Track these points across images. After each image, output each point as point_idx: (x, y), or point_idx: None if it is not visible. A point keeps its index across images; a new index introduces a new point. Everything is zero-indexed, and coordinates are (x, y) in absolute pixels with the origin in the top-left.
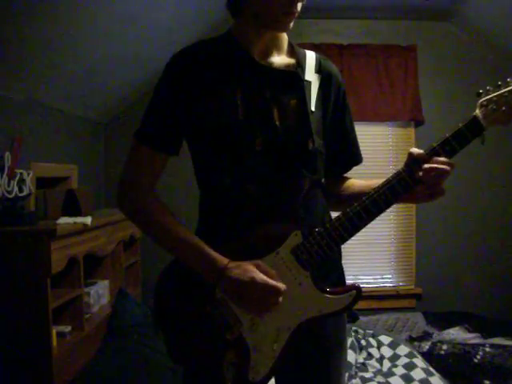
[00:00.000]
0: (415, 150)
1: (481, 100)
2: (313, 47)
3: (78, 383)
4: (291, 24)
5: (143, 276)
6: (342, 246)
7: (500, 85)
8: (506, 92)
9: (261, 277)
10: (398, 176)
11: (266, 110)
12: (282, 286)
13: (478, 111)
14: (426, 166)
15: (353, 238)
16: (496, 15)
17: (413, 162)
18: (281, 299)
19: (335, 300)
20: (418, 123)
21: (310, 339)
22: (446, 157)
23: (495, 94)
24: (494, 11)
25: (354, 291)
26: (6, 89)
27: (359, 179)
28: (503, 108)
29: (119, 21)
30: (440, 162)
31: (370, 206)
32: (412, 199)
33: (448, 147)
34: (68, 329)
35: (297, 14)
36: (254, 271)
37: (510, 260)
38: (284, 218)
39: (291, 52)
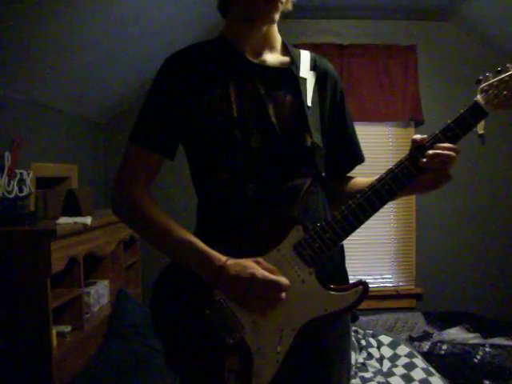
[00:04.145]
0: (418, 136)
1: (481, 86)
2: (313, 47)
3: (78, 383)
4: (276, 15)
5: (143, 276)
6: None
7: (500, 70)
8: (506, 77)
9: (261, 272)
10: (400, 165)
11: (261, 106)
12: (284, 280)
13: (479, 97)
14: (430, 152)
15: (353, 238)
16: (496, 15)
17: (416, 149)
18: (284, 295)
19: (340, 297)
20: (418, 123)
21: (311, 350)
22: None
23: (496, 79)
24: (494, 11)
25: (361, 287)
26: (6, 89)
27: (363, 177)
28: (504, 92)
29: (119, 21)
30: (444, 148)
31: (372, 196)
32: (416, 188)
33: (450, 133)
34: (68, 329)
35: (281, 5)
36: (253, 267)
37: (510, 260)
38: (284, 215)
39: (285, 51)
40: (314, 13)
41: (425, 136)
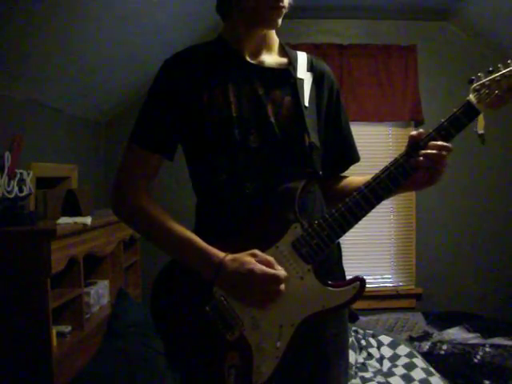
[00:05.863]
0: (415, 132)
1: (473, 85)
2: (313, 47)
3: (78, 383)
4: (279, 20)
5: (143, 276)
6: (342, 246)
7: (492, 70)
8: (497, 76)
9: (259, 267)
10: (396, 163)
11: (260, 106)
12: (282, 273)
13: (471, 96)
14: (423, 151)
15: (353, 238)
16: (496, 15)
17: (412, 146)
18: (283, 287)
19: (338, 293)
20: (418, 123)
21: (310, 347)
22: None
23: (487, 79)
24: (494, 11)
25: (358, 283)
26: (6, 89)
27: (358, 176)
28: (496, 92)
29: (119, 21)
30: (437, 147)
31: (368, 194)
32: (412, 186)
33: (444, 132)
34: (68, 329)
35: (284, 10)
36: (251, 262)
37: (510, 260)
38: (282, 213)
39: (282, 52)
40: (314, 13)
41: (422, 131)
